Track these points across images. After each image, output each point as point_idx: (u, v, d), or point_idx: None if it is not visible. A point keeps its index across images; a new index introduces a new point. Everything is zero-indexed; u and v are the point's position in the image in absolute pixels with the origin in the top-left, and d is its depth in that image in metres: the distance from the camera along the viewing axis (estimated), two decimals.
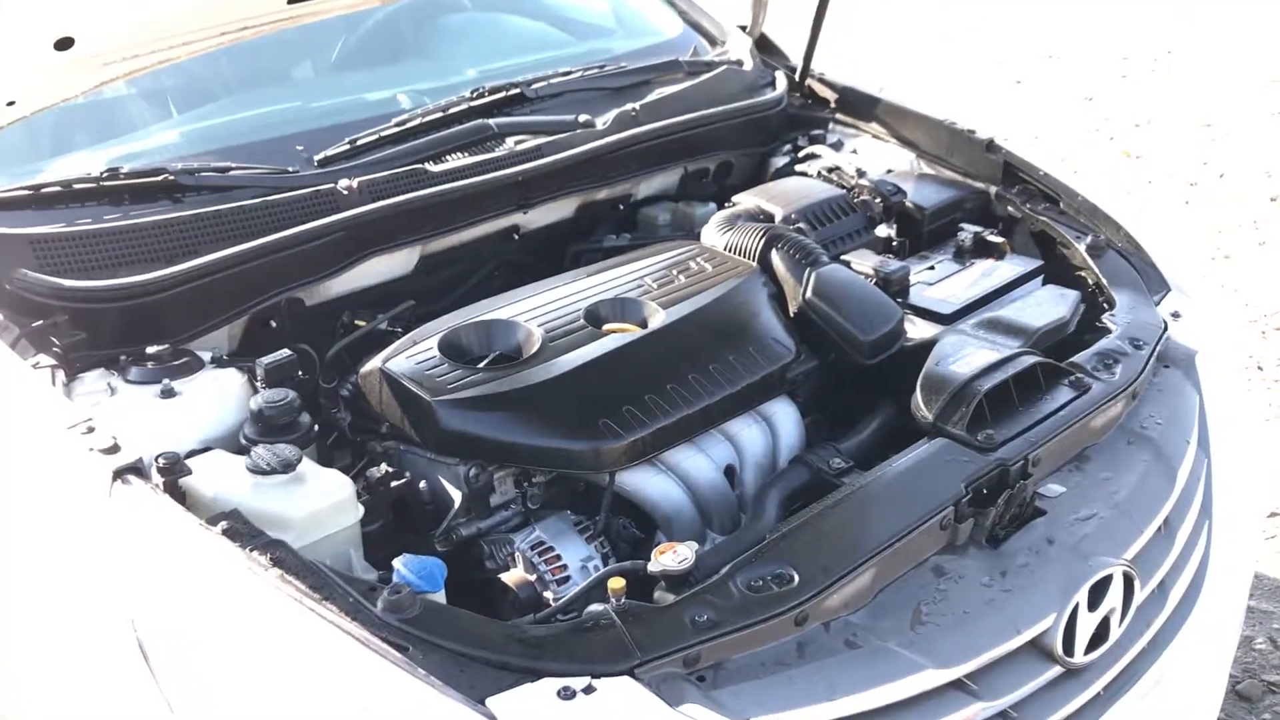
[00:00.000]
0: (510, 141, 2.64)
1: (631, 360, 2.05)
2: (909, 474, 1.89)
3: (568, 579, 1.90)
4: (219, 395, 1.98)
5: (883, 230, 2.72)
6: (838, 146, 3.04)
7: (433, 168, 2.46)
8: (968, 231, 2.63)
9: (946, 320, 2.35)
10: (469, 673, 1.48)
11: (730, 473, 2.11)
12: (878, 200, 2.68)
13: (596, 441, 1.91)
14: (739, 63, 3.15)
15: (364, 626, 1.51)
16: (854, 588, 1.70)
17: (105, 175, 2.25)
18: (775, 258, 2.39)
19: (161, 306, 2.12)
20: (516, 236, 2.65)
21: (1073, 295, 2.38)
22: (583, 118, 2.73)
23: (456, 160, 2.53)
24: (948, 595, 1.75)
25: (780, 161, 3.01)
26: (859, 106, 3.14)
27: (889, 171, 2.91)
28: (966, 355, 2.11)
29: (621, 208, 2.84)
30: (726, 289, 2.25)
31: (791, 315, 2.29)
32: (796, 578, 1.66)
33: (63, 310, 2.04)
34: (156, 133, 2.53)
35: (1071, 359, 2.17)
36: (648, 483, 1.99)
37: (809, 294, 2.28)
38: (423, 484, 1.99)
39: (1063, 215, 2.70)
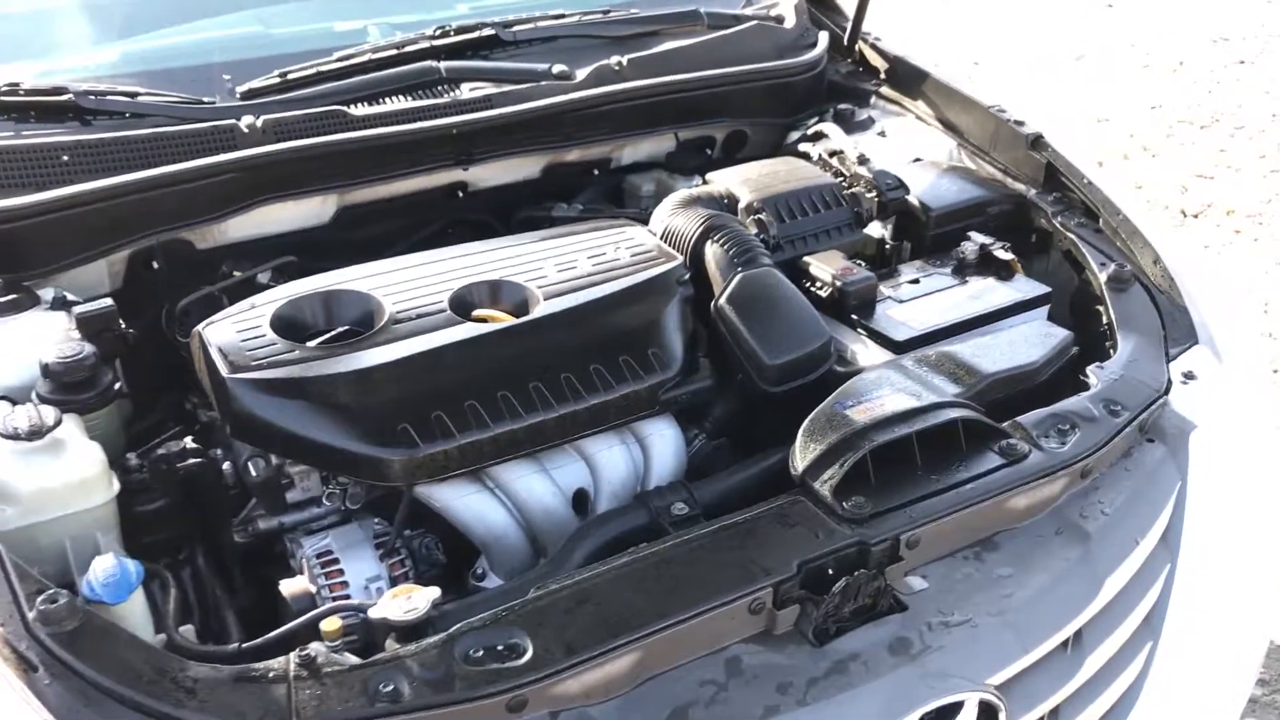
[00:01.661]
0: (465, 88, 2.38)
1: (475, 357, 1.78)
2: (738, 537, 1.56)
3: (347, 597, 1.67)
4: (32, 341, 1.83)
5: (877, 229, 2.33)
6: (867, 124, 2.64)
7: (355, 111, 2.23)
8: (974, 242, 2.22)
9: (897, 348, 1.98)
10: (93, 709, 1.28)
11: (582, 498, 1.83)
12: (872, 194, 2.29)
13: (386, 449, 1.66)
14: (778, 18, 2.78)
15: (9, 635, 1.33)
16: (605, 673, 1.40)
17: (3, 88, 2.13)
18: (709, 253, 2.06)
19: (21, 236, 1.99)
20: (462, 195, 2.40)
21: (1060, 336, 1.96)
22: (557, 68, 2.44)
23: (392, 104, 2.30)
24: (729, 700, 1.43)
25: (795, 136, 2.64)
26: (907, 81, 2.72)
27: (916, 160, 2.50)
28: (876, 397, 1.74)
29: (597, 173, 2.54)
30: (628, 284, 1.94)
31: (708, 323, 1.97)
32: (530, 652, 1.38)
33: None
34: (92, 50, 2.39)
35: (1017, 419, 1.78)
36: (462, 502, 1.74)
37: (723, 300, 1.95)
38: (226, 466, 1.80)
39: (1099, 234, 2.24)
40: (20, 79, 2.17)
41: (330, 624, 1.45)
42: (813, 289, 2.11)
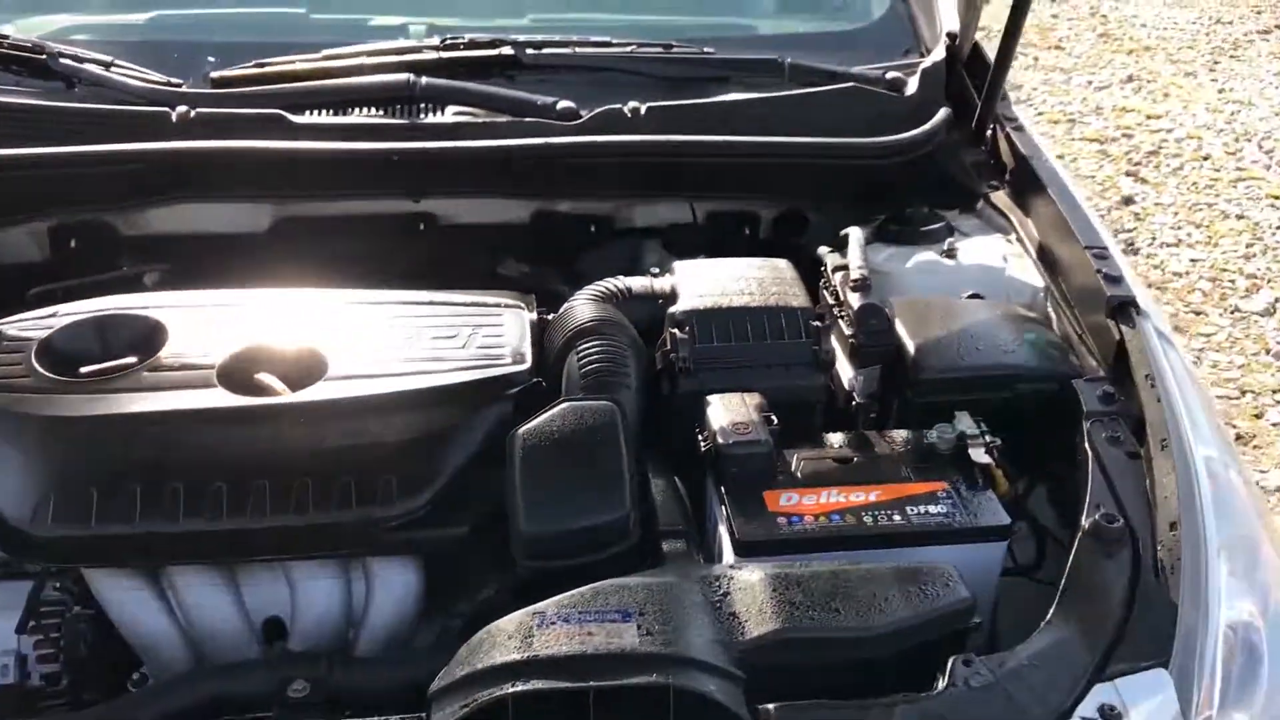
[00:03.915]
0: (449, 111, 2.09)
1: (202, 433, 1.52)
2: None
3: None
4: None
5: (847, 377, 1.80)
6: (937, 237, 2.06)
7: (295, 119, 2.01)
8: (952, 429, 1.64)
9: (748, 549, 1.49)
10: None
11: (277, 626, 1.52)
12: (852, 336, 1.76)
13: (24, 519, 1.44)
14: (894, 83, 2.23)
15: None
16: None
17: None
18: (568, 366, 1.66)
19: None
20: (423, 227, 2.12)
21: (956, 599, 1.38)
22: (563, 104, 2.09)
23: (353, 117, 2.06)
24: None
25: (857, 232, 2.11)
26: (1024, 188, 2.11)
27: (973, 296, 1.92)
28: (597, 620, 1.30)
29: (594, 229, 2.17)
30: (438, 384, 1.59)
31: None
32: None
33: None
34: (103, 10, 2.34)
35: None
36: (117, 596, 1.49)
37: (520, 431, 1.55)
38: None
39: (1132, 463, 1.59)
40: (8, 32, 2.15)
41: None
42: (699, 438, 1.64)
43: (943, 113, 2.19)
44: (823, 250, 1.97)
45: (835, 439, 1.68)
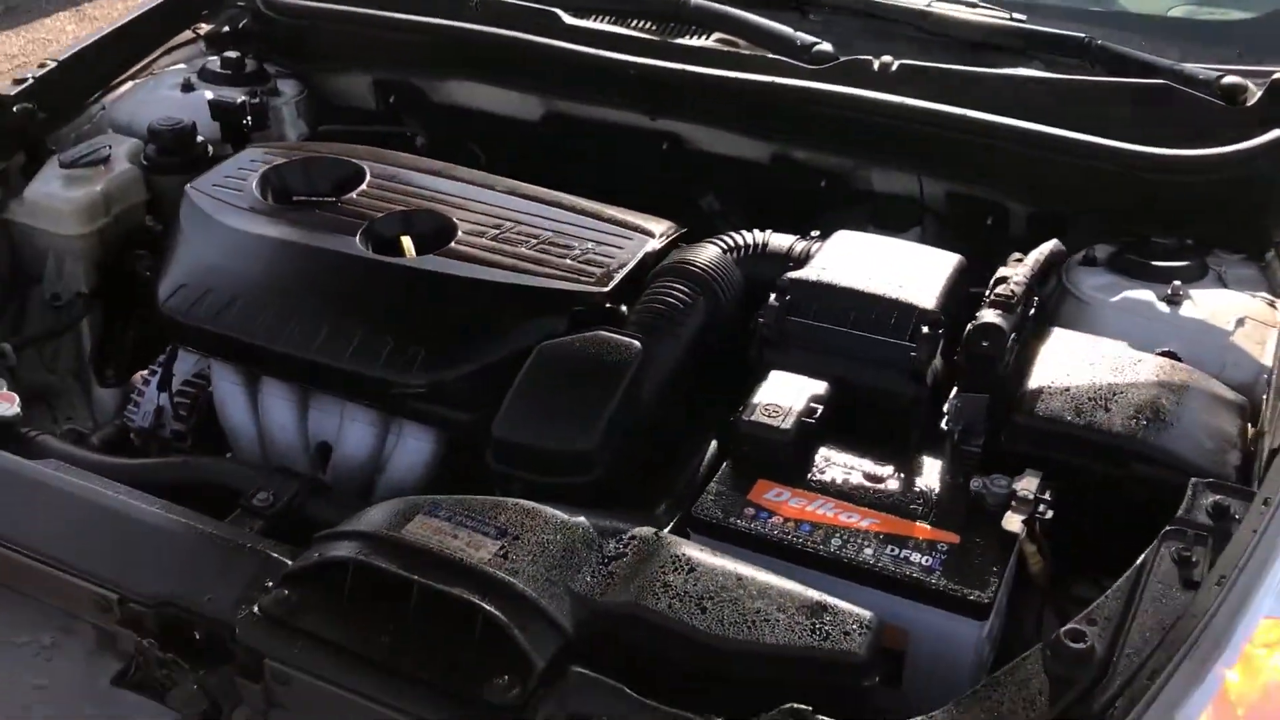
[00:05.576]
0: (712, 37, 2.08)
1: (326, 272, 1.73)
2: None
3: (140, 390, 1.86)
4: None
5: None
6: (1191, 274, 1.72)
7: (566, 19, 2.12)
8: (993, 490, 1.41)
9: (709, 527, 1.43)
10: None
11: (325, 452, 1.72)
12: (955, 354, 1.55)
13: (176, 306, 1.73)
14: (1233, 90, 1.85)
15: None
16: None
17: None
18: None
19: (308, 31, 2.36)
20: (665, 147, 2.15)
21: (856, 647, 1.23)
22: (821, 47, 1.99)
23: (619, 28, 2.13)
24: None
25: (1102, 253, 1.81)
26: None
27: (1165, 353, 1.60)
28: (472, 527, 1.33)
29: (825, 184, 2.05)
30: (515, 283, 1.67)
31: None
32: None
33: None
34: None
35: None
36: (221, 384, 1.76)
37: (546, 343, 1.57)
38: None
39: None
40: None
41: None
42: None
43: (1272, 134, 1.78)
44: (1013, 258, 1.72)
45: (882, 457, 1.51)
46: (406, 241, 1.79)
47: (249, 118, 2.15)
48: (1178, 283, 1.67)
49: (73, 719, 1.38)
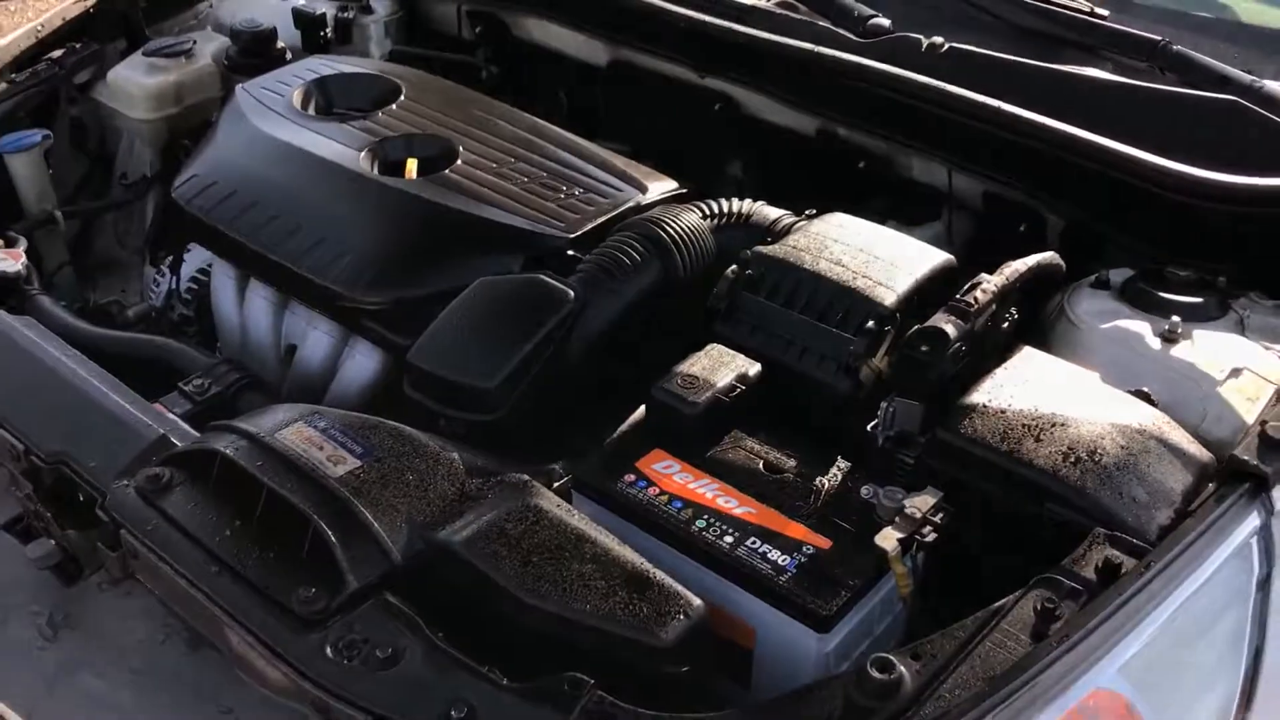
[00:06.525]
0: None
1: (334, 184, 1.78)
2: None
3: None
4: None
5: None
6: (1201, 314, 1.54)
7: None
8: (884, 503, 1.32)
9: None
10: None
11: (293, 354, 1.78)
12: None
13: (186, 197, 1.83)
14: None
15: None
16: None
17: None
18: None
19: None
20: (718, 108, 2.09)
21: None
22: (876, 20, 1.89)
23: None
24: None
25: (1118, 277, 1.64)
26: None
27: (1138, 392, 1.45)
28: (359, 449, 1.35)
29: (863, 165, 1.95)
30: (496, 219, 1.67)
31: None
32: None
33: None
34: None
35: None
36: (218, 281, 1.84)
37: (480, 280, 1.57)
38: None
39: None
40: None
41: None
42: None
43: None
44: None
45: (797, 451, 1.43)
46: (411, 164, 1.82)
47: (328, 29, 2.22)
48: (1176, 319, 1.50)
49: None
